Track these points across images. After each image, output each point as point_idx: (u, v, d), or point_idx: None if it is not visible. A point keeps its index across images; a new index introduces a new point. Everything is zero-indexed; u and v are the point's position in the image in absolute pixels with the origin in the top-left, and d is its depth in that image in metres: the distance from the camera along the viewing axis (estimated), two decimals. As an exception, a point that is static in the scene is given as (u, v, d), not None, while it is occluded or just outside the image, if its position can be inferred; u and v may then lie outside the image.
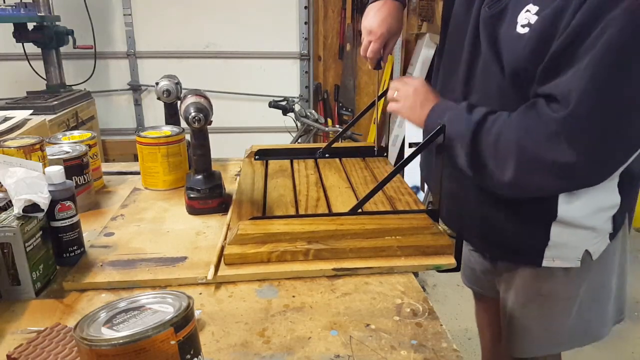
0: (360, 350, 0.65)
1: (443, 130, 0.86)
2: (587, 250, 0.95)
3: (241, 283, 0.81)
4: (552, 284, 0.99)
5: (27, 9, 2.39)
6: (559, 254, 0.95)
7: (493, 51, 0.90)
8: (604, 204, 0.93)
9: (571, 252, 0.95)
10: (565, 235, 0.93)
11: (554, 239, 0.93)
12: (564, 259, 0.95)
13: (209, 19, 3.25)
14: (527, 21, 0.84)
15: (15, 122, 1.99)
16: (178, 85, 1.25)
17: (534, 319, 1.04)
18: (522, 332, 1.06)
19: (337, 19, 3.40)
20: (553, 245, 0.94)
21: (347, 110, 3.53)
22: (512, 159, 0.85)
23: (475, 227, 1.02)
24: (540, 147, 0.81)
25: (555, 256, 0.95)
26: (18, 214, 0.75)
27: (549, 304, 1.01)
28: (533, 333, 1.05)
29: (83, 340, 0.46)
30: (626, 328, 2.22)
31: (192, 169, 1.10)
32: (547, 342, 1.06)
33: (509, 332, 1.09)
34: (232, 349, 0.65)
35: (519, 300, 1.04)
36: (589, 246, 0.94)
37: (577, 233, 0.93)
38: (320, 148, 1.32)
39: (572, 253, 0.95)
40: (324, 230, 0.86)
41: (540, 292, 1.01)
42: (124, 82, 3.35)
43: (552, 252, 0.95)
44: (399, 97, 1.06)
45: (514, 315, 1.06)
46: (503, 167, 0.87)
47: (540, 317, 1.03)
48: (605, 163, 0.83)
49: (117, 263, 0.84)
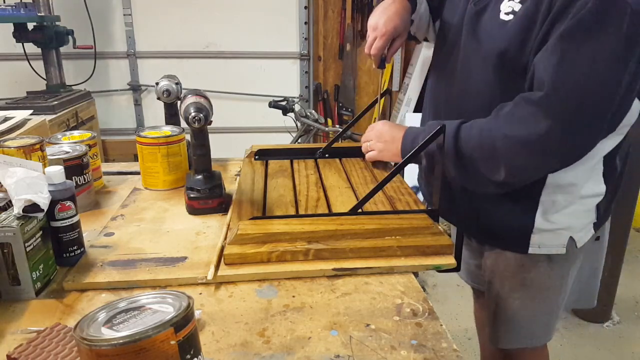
0: (360, 350, 0.65)
1: (443, 130, 0.86)
2: (572, 238, 0.97)
3: (241, 283, 0.81)
4: (536, 274, 1.01)
5: (27, 9, 2.39)
6: (544, 241, 0.97)
7: (474, 41, 0.94)
8: (588, 191, 0.95)
9: (557, 237, 0.97)
10: (550, 220, 0.96)
11: (539, 225, 0.96)
12: (550, 246, 0.98)
13: (209, 19, 3.25)
14: (511, 9, 0.87)
15: (15, 122, 1.99)
16: (178, 85, 1.25)
17: (518, 310, 1.05)
18: (507, 322, 1.08)
19: (337, 19, 3.40)
20: (538, 232, 0.96)
21: (347, 110, 3.53)
22: (499, 150, 0.88)
23: (464, 211, 1.05)
24: (521, 127, 0.86)
25: (541, 243, 0.97)
26: (18, 214, 0.75)
27: (532, 294, 1.03)
28: (515, 323, 1.07)
29: (83, 340, 0.46)
30: (626, 328, 2.23)
31: (192, 169, 1.10)
32: (530, 334, 1.08)
33: (494, 322, 1.10)
34: (232, 349, 0.65)
35: (504, 289, 1.06)
36: (573, 233, 0.97)
37: (561, 219, 0.96)
38: (320, 148, 1.32)
39: (558, 239, 0.97)
40: (323, 230, 0.86)
41: (524, 283, 1.03)
42: (124, 82, 3.35)
43: (537, 239, 0.97)
44: (371, 145, 1.16)
45: (499, 304, 1.08)
46: (491, 160, 0.90)
47: (523, 307, 1.05)
48: (580, 133, 0.85)
49: (117, 263, 0.84)
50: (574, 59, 0.80)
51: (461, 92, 1.00)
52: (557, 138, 0.84)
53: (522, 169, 0.90)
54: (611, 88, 0.81)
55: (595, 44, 0.78)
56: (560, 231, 0.97)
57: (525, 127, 0.85)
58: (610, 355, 2.06)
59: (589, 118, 0.83)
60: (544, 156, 0.87)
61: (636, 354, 2.09)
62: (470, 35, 0.95)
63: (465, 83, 0.99)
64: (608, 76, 0.80)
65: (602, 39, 0.78)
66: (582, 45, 0.79)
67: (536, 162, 0.89)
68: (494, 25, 0.90)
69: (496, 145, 0.88)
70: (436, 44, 1.15)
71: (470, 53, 0.96)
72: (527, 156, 0.87)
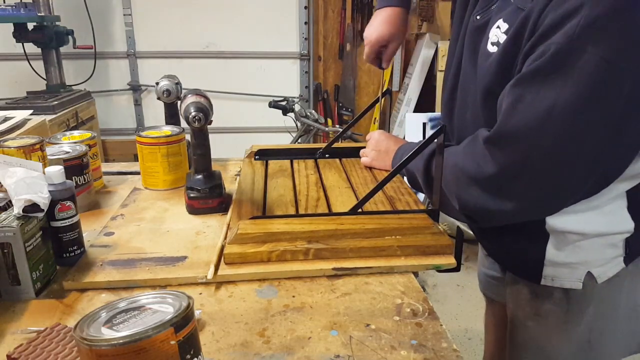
0: (360, 350, 0.65)
1: (443, 131, 0.86)
2: (590, 273, 0.89)
3: (241, 283, 0.81)
4: (551, 305, 0.93)
5: (27, 9, 2.39)
6: (558, 274, 0.90)
7: (472, 66, 0.89)
8: (613, 228, 0.87)
9: (571, 273, 0.89)
10: (562, 255, 0.89)
11: (550, 257, 0.89)
12: (564, 279, 0.90)
13: (209, 19, 3.26)
14: (497, 39, 0.82)
15: (15, 122, 1.99)
16: (178, 85, 1.25)
17: (531, 338, 1.00)
18: (520, 347, 1.03)
19: (337, 19, 3.40)
20: (550, 264, 0.90)
21: (347, 110, 3.53)
22: (454, 181, 0.86)
23: (488, 236, 1.03)
24: (471, 162, 0.84)
25: (555, 276, 0.90)
26: (18, 214, 0.75)
27: (547, 327, 0.96)
28: (530, 353, 1.01)
29: (83, 340, 0.46)
30: (626, 328, 2.22)
31: (192, 169, 1.10)
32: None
33: (510, 345, 1.07)
34: (232, 349, 0.65)
35: (519, 315, 1.01)
36: (592, 268, 0.89)
37: (576, 253, 0.88)
38: (320, 148, 1.32)
39: (573, 274, 0.89)
40: (324, 229, 0.86)
41: (537, 312, 0.96)
42: (124, 82, 3.35)
43: (550, 271, 0.90)
44: (367, 152, 1.21)
45: (515, 328, 1.04)
46: (450, 189, 0.89)
47: (538, 338, 0.98)
48: (524, 177, 0.79)
49: (117, 262, 0.84)
50: (531, 102, 0.73)
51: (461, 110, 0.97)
52: (508, 182, 0.80)
53: (471, 204, 0.86)
54: (580, 137, 0.73)
55: (556, 88, 0.71)
56: (576, 265, 0.88)
57: (477, 165, 0.82)
58: (610, 355, 2.06)
59: (549, 169, 0.77)
60: (495, 198, 0.82)
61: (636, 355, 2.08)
62: (469, 59, 0.90)
63: (463, 102, 0.96)
64: (572, 124, 0.72)
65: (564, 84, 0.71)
66: (541, 88, 0.72)
67: (486, 201, 0.83)
68: (484, 55, 0.84)
69: (445, 173, 0.85)
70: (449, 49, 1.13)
71: (468, 78, 0.92)
72: (476, 192, 0.84)
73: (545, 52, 0.72)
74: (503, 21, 0.82)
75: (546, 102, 0.72)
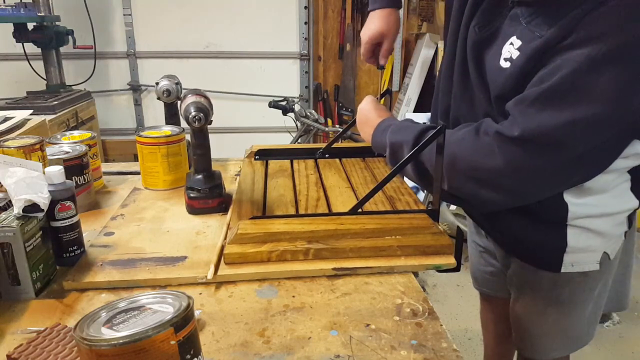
0: (360, 350, 0.65)
1: (443, 131, 0.86)
2: (606, 252, 0.94)
3: (241, 283, 0.81)
4: (571, 289, 0.98)
5: (27, 9, 2.39)
6: (578, 259, 0.94)
7: (480, 78, 0.91)
8: (622, 207, 0.92)
9: (590, 256, 0.94)
10: (583, 239, 0.92)
11: (572, 244, 0.92)
12: (583, 264, 0.94)
13: (209, 19, 3.26)
14: (510, 55, 0.83)
15: (15, 122, 1.99)
16: (178, 85, 1.25)
17: (553, 324, 1.03)
18: (539, 336, 1.05)
19: (337, 19, 3.40)
20: (571, 251, 0.92)
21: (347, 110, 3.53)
22: (448, 166, 0.86)
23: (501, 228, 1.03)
24: (471, 152, 0.84)
25: (574, 261, 0.94)
26: (18, 214, 0.75)
27: (568, 309, 1.01)
28: (550, 337, 1.04)
29: (83, 340, 0.46)
30: (626, 328, 2.23)
31: (192, 169, 1.10)
32: (564, 345, 1.06)
33: (523, 336, 1.08)
34: (232, 349, 0.65)
35: (538, 306, 1.03)
36: (607, 248, 0.94)
37: (595, 237, 0.92)
38: (320, 148, 1.32)
39: (591, 257, 0.94)
40: (324, 229, 0.86)
41: (559, 299, 1.00)
42: (124, 82, 3.35)
43: (570, 258, 0.93)
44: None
45: (532, 320, 1.05)
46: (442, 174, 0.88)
47: (558, 322, 1.03)
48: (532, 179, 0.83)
49: (117, 262, 0.84)
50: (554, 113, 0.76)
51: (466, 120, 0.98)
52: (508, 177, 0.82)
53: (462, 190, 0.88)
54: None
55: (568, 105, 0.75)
56: (594, 247, 0.93)
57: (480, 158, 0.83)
58: (610, 355, 2.06)
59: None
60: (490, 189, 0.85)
61: (636, 354, 2.09)
62: (476, 71, 0.91)
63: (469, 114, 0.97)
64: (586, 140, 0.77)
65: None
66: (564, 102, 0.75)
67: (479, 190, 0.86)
68: (495, 69, 0.86)
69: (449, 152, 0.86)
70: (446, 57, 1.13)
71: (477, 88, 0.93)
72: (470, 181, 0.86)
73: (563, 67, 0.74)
74: (517, 38, 0.83)
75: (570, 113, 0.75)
